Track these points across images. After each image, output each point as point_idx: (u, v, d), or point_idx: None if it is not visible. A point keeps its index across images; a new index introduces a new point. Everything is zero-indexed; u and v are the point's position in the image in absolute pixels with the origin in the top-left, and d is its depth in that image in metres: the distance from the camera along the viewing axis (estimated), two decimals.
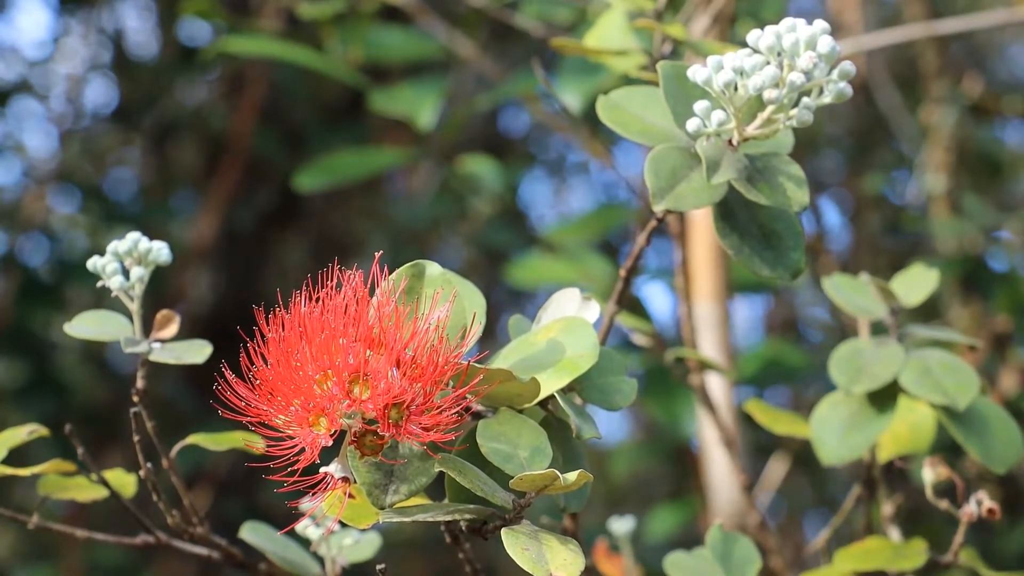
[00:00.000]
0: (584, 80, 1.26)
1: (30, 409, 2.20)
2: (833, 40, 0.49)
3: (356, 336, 0.43)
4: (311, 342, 0.44)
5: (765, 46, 0.49)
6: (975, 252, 1.73)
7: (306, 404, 0.43)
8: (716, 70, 0.50)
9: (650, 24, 0.71)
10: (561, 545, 0.44)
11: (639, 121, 0.55)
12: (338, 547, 0.67)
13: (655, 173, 0.51)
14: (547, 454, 0.46)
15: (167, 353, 0.60)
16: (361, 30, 1.49)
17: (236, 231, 2.53)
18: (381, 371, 0.43)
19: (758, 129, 0.51)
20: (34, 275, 2.37)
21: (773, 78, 0.49)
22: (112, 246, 0.61)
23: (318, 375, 0.44)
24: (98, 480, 0.62)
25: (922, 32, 1.32)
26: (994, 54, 3.28)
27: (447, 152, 1.71)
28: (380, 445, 0.45)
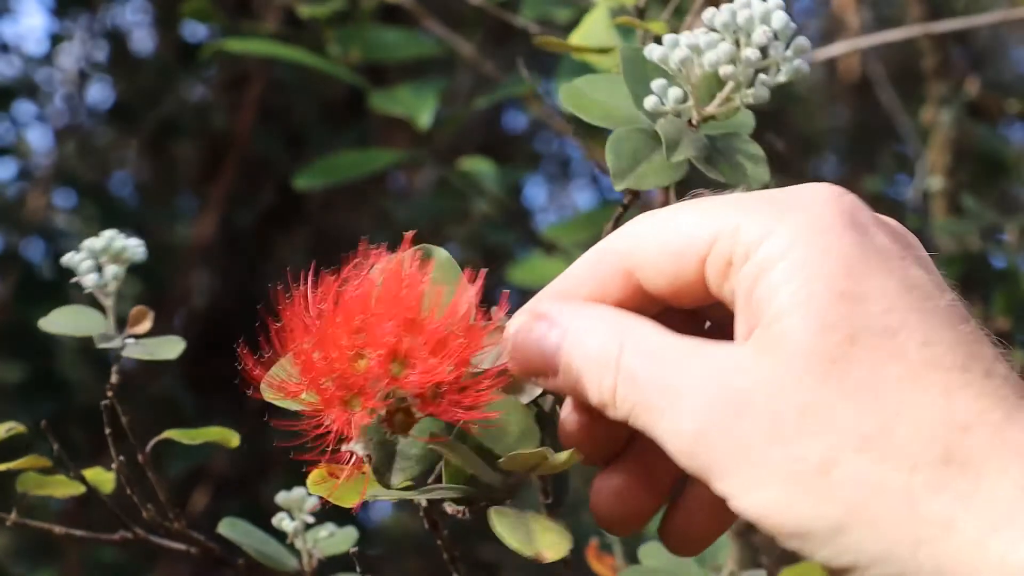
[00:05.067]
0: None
1: (30, 407, 2.20)
2: (786, 15, 0.49)
3: (393, 314, 0.43)
4: (346, 319, 0.43)
5: (720, 23, 0.49)
6: (975, 251, 1.73)
7: (341, 383, 0.43)
8: (672, 47, 0.50)
9: (631, 21, 0.71)
10: (549, 527, 0.44)
11: (601, 106, 0.55)
12: (314, 540, 0.67)
13: (616, 154, 0.52)
14: (536, 436, 0.46)
15: (140, 349, 0.60)
16: (360, 30, 1.49)
17: (236, 230, 2.53)
18: (419, 349, 0.42)
19: (716, 108, 0.51)
20: (34, 273, 2.37)
21: (728, 54, 0.49)
22: (87, 243, 0.61)
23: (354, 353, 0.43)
24: (75, 477, 0.62)
25: (922, 32, 1.32)
26: (997, 56, 3.28)
27: (447, 152, 1.71)
28: (411, 423, 0.44)
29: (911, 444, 0.38)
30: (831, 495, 0.38)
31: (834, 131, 3.08)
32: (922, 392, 0.39)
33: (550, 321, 0.45)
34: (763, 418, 0.39)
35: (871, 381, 0.39)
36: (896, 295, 0.40)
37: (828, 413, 0.39)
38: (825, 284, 0.40)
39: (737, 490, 0.40)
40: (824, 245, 0.41)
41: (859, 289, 0.40)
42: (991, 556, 0.36)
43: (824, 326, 0.40)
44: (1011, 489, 0.37)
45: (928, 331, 0.40)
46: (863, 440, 0.38)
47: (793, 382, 0.39)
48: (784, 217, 0.42)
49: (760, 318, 0.41)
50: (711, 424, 0.40)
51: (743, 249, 0.42)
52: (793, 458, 0.39)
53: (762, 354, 0.40)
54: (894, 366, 0.39)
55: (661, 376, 0.42)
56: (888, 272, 0.41)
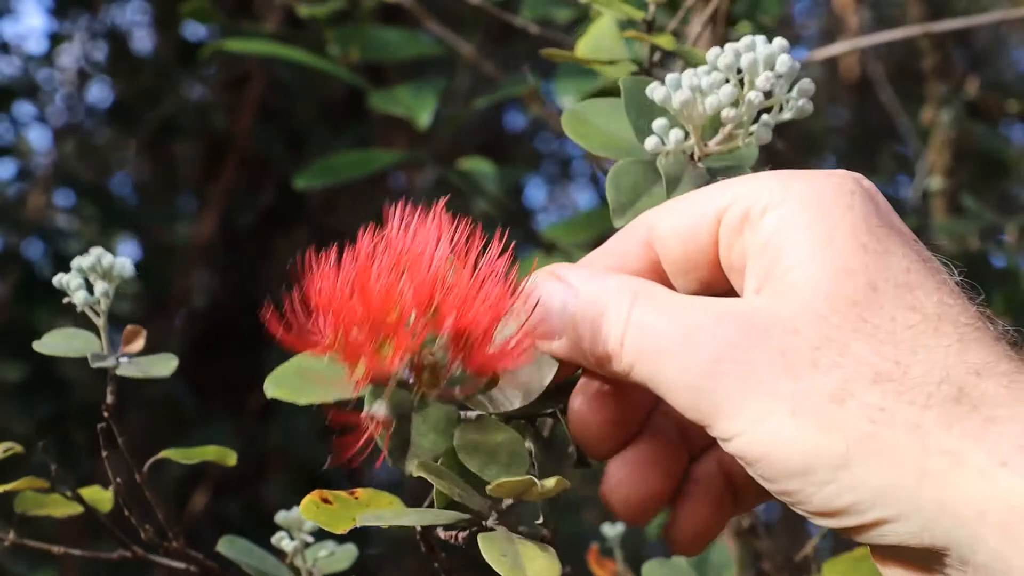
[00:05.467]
0: (582, 81, 1.26)
1: (30, 407, 2.20)
2: (791, 58, 0.49)
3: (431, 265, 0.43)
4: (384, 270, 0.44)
5: (724, 64, 0.49)
6: (975, 251, 1.73)
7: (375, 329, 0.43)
8: (674, 88, 0.49)
9: (638, 35, 0.71)
10: (538, 551, 0.44)
11: (603, 134, 0.54)
12: (313, 559, 0.67)
13: (616, 188, 0.51)
14: (525, 461, 0.46)
15: (134, 368, 0.60)
16: (360, 30, 1.49)
17: (236, 230, 2.53)
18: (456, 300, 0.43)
19: (718, 145, 0.51)
20: (34, 273, 2.37)
21: (730, 97, 0.49)
22: (76, 262, 0.61)
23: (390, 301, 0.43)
24: (73, 497, 0.62)
25: (922, 32, 1.32)
26: (997, 56, 3.28)
27: (447, 152, 1.71)
28: (438, 380, 0.44)
29: (925, 382, 0.38)
30: (841, 425, 0.38)
31: (834, 131, 3.08)
32: (938, 339, 0.39)
33: (564, 282, 0.45)
34: (777, 352, 0.40)
35: (890, 325, 0.40)
36: (913, 259, 0.41)
37: (845, 349, 0.39)
38: (847, 234, 0.41)
39: (742, 426, 0.40)
40: (846, 203, 0.42)
41: (879, 245, 0.41)
42: (998, 488, 0.37)
43: (845, 269, 0.40)
44: (1020, 430, 0.37)
45: (943, 294, 0.41)
46: (878, 375, 0.39)
47: (812, 320, 0.40)
48: (805, 182, 0.43)
49: (778, 265, 0.41)
50: (726, 355, 0.40)
51: (761, 205, 0.43)
52: (805, 390, 0.39)
53: (780, 295, 0.41)
54: (911, 315, 0.40)
55: (675, 320, 0.42)
56: (905, 240, 0.42)
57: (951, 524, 0.37)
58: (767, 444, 0.39)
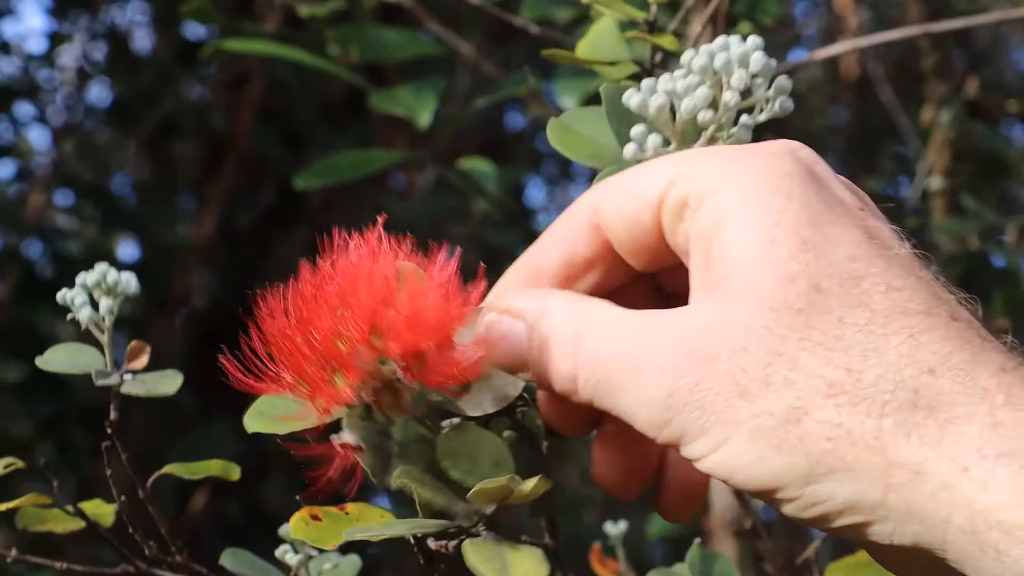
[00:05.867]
0: (582, 82, 1.26)
1: (30, 407, 2.20)
2: (765, 56, 0.48)
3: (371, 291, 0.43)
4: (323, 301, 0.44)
5: (698, 66, 0.49)
6: (975, 251, 1.73)
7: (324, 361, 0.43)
8: (650, 94, 0.49)
9: (640, 36, 0.70)
10: (525, 555, 0.44)
11: (589, 143, 0.54)
12: (317, 572, 0.66)
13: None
14: (509, 466, 0.45)
15: (138, 385, 0.60)
16: (360, 30, 1.49)
17: (236, 230, 2.53)
18: (403, 321, 0.43)
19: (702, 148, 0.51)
20: (34, 273, 2.37)
21: (705, 100, 0.48)
22: (80, 278, 0.61)
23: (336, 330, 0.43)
24: (75, 512, 0.62)
25: (922, 32, 1.32)
26: (997, 56, 3.28)
27: (447, 152, 1.71)
28: (398, 402, 0.44)
29: (879, 389, 0.38)
30: (800, 445, 0.38)
31: (834, 131, 3.08)
32: (888, 337, 0.38)
33: (514, 314, 0.45)
34: (727, 376, 0.39)
35: (838, 329, 0.39)
36: (858, 242, 0.40)
37: (795, 363, 0.39)
38: (786, 231, 0.40)
39: (706, 450, 0.40)
40: (785, 191, 0.41)
41: (821, 236, 0.40)
42: (960, 495, 0.36)
43: (788, 275, 0.39)
44: (978, 431, 0.37)
45: (891, 277, 0.39)
46: (831, 387, 0.38)
47: (758, 335, 0.39)
48: (743, 165, 0.42)
49: (720, 268, 0.41)
50: (677, 389, 0.40)
51: (699, 191, 0.41)
52: (761, 412, 0.39)
53: (724, 308, 0.40)
54: (860, 312, 0.39)
55: (620, 352, 0.42)
56: (849, 221, 0.41)
57: (920, 529, 0.37)
58: (732, 467, 0.39)
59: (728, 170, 0.42)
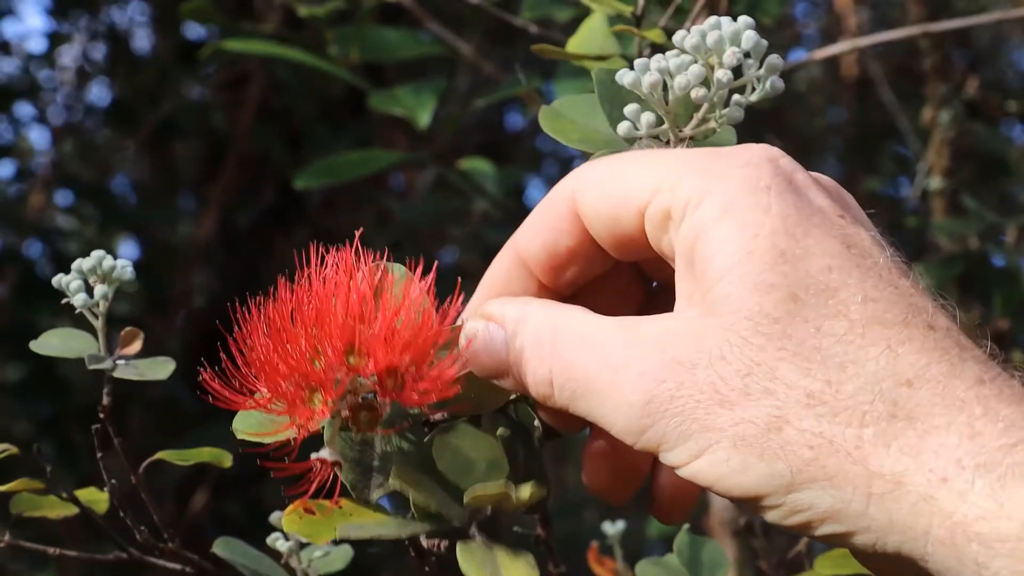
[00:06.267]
0: (582, 82, 1.26)
1: (30, 407, 2.20)
2: (756, 35, 0.48)
3: (348, 308, 0.43)
4: (300, 320, 0.44)
5: (690, 45, 0.49)
6: (975, 251, 1.73)
7: (300, 381, 0.43)
8: (643, 72, 0.49)
9: (627, 29, 0.71)
10: (516, 559, 0.44)
11: (581, 128, 0.54)
12: (308, 560, 0.67)
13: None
14: (503, 468, 0.45)
15: (131, 370, 0.60)
16: (360, 30, 1.49)
17: (236, 230, 2.53)
18: (374, 340, 0.43)
19: (693, 129, 0.51)
20: (34, 273, 2.37)
21: (698, 77, 0.48)
22: (76, 264, 0.61)
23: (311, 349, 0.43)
24: (68, 498, 0.62)
25: (922, 32, 1.32)
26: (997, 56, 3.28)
27: (447, 152, 1.71)
28: (376, 419, 0.44)
29: (858, 400, 0.38)
30: (782, 454, 0.38)
31: (834, 131, 3.08)
32: (866, 348, 0.39)
33: (495, 321, 0.45)
34: (708, 384, 0.39)
35: (815, 339, 0.39)
36: (835, 253, 0.40)
37: (773, 372, 0.39)
38: (764, 243, 0.40)
39: (687, 457, 0.40)
40: (763, 204, 0.41)
41: (798, 247, 0.40)
42: (939, 506, 0.37)
43: (765, 285, 0.40)
44: (957, 442, 0.37)
45: (868, 288, 0.40)
46: (810, 397, 0.38)
47: (737, 345, 0.40)
48: (723, 176, 0.42)
49: (701, 280, 0.41)
50: (656, 395, 0.40)
51: (681, 204, 0.42)
52: (741, 420, 0.39)
53: (703, 318, 0.40)
54: (837, 323, 0.39)
55: (597, 357, 0.42)
56: (826, 231, 0.41)
57: (901, 538, 0.38)
58: (715, 474, 0.40)
59: (709, 181, 0.42)
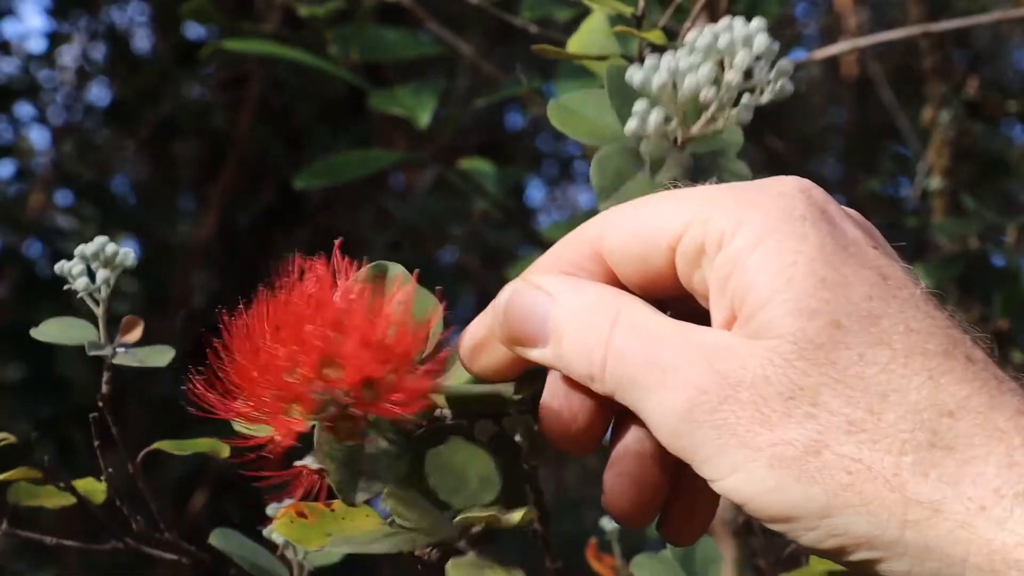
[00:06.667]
0: (582, 82, 1.26)
1: (30, 407, 2.20)
2: (768, 38, 0.48)
3: (322, 320, 0.43)
4: (278, 331, 0.43)
5: (702, 46, 0.49)
6: (975, 251, 1.73)
7: (277, 393, 0.43)
8: (652, 71, 0.49)
9: (627, 30, 0.71)
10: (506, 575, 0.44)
11: (589, 123, 0.54)
12: (304, 552, 0.67)
13: (600, 173, 0.52)
14: (495, 484, 0.46)
15: (130, 357, 0.60)
16: (360, 30, 1.49)
17: (236, 230, 2.53)
18: (350, 352, 0.43)
19: (701, 129, 0.51)
20: (34, 273, 2.37)
21: (708, 77, 0.48)
22: (79, 249, 0.61)
23: (287, 363, 0.43)
24: (66, 488, 0.62)
25: (922, 32, 1.32)
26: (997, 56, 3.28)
27: (447, 152, 1.71)
28: (355, 429, 0.44)
29: (899, 428, 0.38)
30: (819, 477, 0.39)
31: (834, 131, 3.08)
32: (909, 378, 0.39)
33: (544, 291, 0.45)
34: (750, 401, 0.40)
35: (858, 366, 0.39)
36: (873, 283, 0.41)
37: (816, 397, 0.39)
38: (804, 269, 0.40)
39: (723, 472, 0.40)
40: (799, 233, 0.41)
41: (838, 275, 0.40)
42: (978, 534, 0.37)
43: (808, 311, 0.40)
44: (996, 471, 0.37)
45: (908, 318, 0.40)
46: (852, 424, 0.39)
47: (781, 367, 0.40)
48: (755, 207, 0.42)
49: (740, 308, 0.41)
50: (698, 404, 0.40)
51: (715, 237, 0.42)
52: (781, 441, 0.39)
53: (749, 340, 0.41)
54: (880, 351, 0.39)
55: (651, 354, 0.42)
56: (862, 261, 0.41)
57: (937, 566, 0.38)
58: (749, 492, 0.40)
59: (742, 212, 0.42)
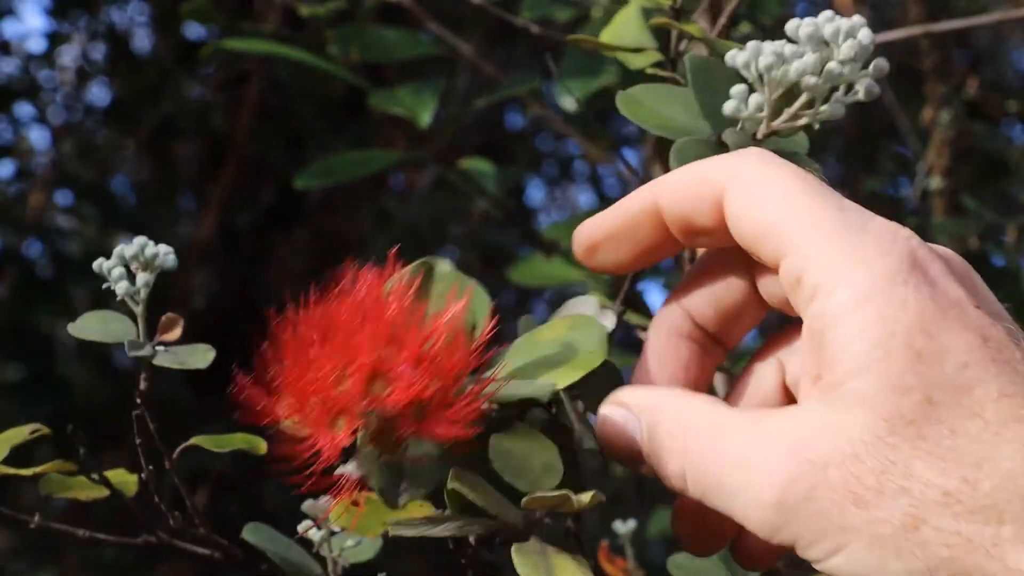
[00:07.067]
0: (584, 80, 1.26)
1: (30, 407, 2.20)
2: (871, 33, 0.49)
3: (373, 333, 0.43)
4: (327, 340, 0.43)
5: (805, 34, 0.49)
6: (975, 251, 1.73)
7: (324, 405, 0.43)
8: (755, 55, 0.49)
9: (667, 22, 0.70)
10: (569, 560, 0.44)
11: (658, 115, 0.55)
12: (340, 548, 0.67)
13: (681, 161, 0.52)
14: (558, 471, 0.46)
15: (170, 357, 0.60)
16: (360, 30, 1.49)
17: (235, 230, 2.53)
18: (400, 368, 0.42)
19: (784, 123, 0.51)
20: (34, 273, 2.37)
21: (815, 64, 0.48)
22: (118, 250, 0.61)
23: (335, 374, 0.43)
24: (99, 480, 0.62)
25: (922, 32, 1.32)
26: (997, 56, 3.28)
27: (447, 152, 1.71)
28: (399, 443, 0.44)
29: (996, 498, 0.38)
30: (920, 553, 0.39)
31: (834, 131, 3.08)
32: (1001, 447, 0.39)
33: (627, 409, 0.46)
34: (841, 482, 0.40)
35: (950, 439, 0.39)
36: (971, 348, 0.41)
37: (908, 471, 0.39)
38: (901, 342, 0.40)
39: (825, 554, 0.40)
40: (900, 299, 0.41)
41: (935, 346, 0.40)
42: None
43: (901, 387, 0.40)
44: None
45: (1004, 383, 0.40)
46: (946, 496, 0.39)
47: (871, 443, 0.40)
48: (860, 263, 0.42)
49: (831, 369, 0.41)
50: (790, 495, 0.40)
51: (814, 282, 0.42)
52: (877, 520, 0.39)
53: (836, 414, 0.41)
54: (972, 423, 0.39)
55: (728, 456, 0.42)
56: (963, 325, 0.41)
57: None
58: (852, 571, 0.40)
59: (844, 269, 0.42)
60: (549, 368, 0.48)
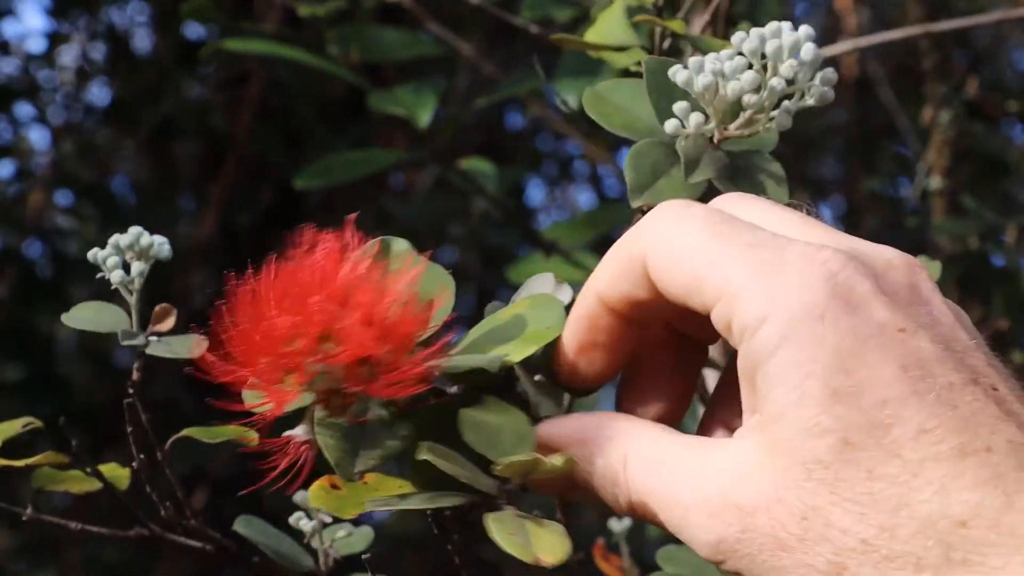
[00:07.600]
0: (582, 80, 1.26)
1: (29, 407, 2.20)
2: (815, 46, 0.49)
3: (326, 293, 0.43)
4: (282, 301, 0.44)
5: (748, 49, 0.49)
6: (975, 251, 1.73)
7: (275, 361, 0.43)
8: (697, 72, 0.49)
9: (650, 19, 0.71)
10: (546, 530, 0.44)
11: (624, 114, 0.54)
12: (331, 540, 0.67)
13: (635, 168, 0.52)
14: (531, 440, 0.46)
15: (163, 347, 0.60)
16: (360, 29, 1.48)
17: (236, 230, 2.53)
18: (351, 328, 0.43)
19: (738, 129, 0.51)
20: (34, 273, 2.37)
21: (753, 83, 0.48)
22: (113, 239, 0.61)
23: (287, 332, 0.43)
24: (92, 473, 0.62)
25: (922, 32, 1.32)
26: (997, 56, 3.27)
27: (447, 152, 1.71)
28: (347, 405, 0.44)
29: (913, 545, 0.38)
30: None
31: (834, 131, 3.08)
32: (920, 490, 0.39)
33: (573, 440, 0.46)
34: (768, 527, 0.40)
35: (867, 483, 0.39)
36: (891, 382, 0.40)
37: (828, 519, 0.39)
38: (818, 383, 0.40)
39: None
40: (817, 337, 0.40)
41: (852, 384, 0.40)
42: None
43: (817, 430, 0.40)
44: None
45: (923, 419, 0.39)
46: (865, 544, 0.39)
47: (791, 488, 0.40)
48: (780, 301, 0.41)
49: (761, 410, 0.42)
50: (725, 537, 0.42)
51: (740, 325, 0.42)
52: (804, 564, 0.40)
53: (762, 457, 0.41)
54: (890, 464, 0.39)
55: (669, 492, 0.43)
56: (885, 356, 0.40)
57: None
58: None
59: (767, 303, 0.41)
60: (504, 342, 0.48)
